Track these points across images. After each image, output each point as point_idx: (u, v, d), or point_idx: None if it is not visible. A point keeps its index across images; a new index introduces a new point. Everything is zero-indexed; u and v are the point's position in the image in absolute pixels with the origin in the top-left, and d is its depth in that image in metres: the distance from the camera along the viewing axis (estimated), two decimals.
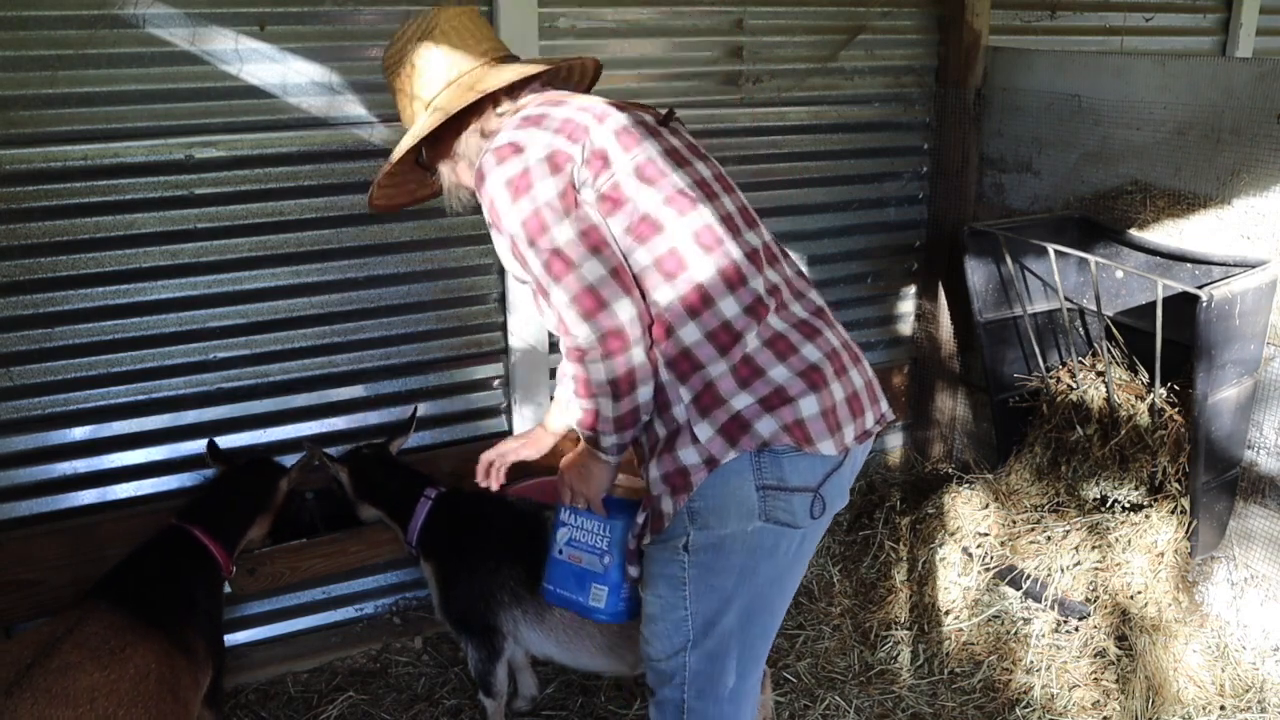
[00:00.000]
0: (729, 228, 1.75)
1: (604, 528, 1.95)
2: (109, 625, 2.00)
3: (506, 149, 1.68)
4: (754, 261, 1.76)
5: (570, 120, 1.71)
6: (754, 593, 1.81)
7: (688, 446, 1.69)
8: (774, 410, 1.67)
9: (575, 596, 2.00)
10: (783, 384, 1.69)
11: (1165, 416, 2.77)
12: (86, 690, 1.82)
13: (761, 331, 1.71)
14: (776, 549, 1.79)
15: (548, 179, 1.66)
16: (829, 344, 1.77)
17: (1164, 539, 2.76)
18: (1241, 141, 2.63)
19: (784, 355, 1.71)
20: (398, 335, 2.91)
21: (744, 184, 3.23)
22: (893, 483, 3.68)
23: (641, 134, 1.74)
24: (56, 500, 2.64)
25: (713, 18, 3.08)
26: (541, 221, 1.65)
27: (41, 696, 1.78)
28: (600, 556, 1.95)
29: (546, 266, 1.65)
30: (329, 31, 2.60)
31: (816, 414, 1.69)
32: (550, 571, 2.05)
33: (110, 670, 1.88)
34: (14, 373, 2.51)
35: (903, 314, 3.74)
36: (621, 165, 1.70)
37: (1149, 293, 2.69)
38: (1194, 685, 2.64)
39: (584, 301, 1.62)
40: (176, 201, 2.56)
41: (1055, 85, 3.14)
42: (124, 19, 2.40)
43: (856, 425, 1.77)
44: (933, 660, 2.86)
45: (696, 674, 1.86)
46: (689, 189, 1.73)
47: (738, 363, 1.69)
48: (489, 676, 2.49)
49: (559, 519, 2.03)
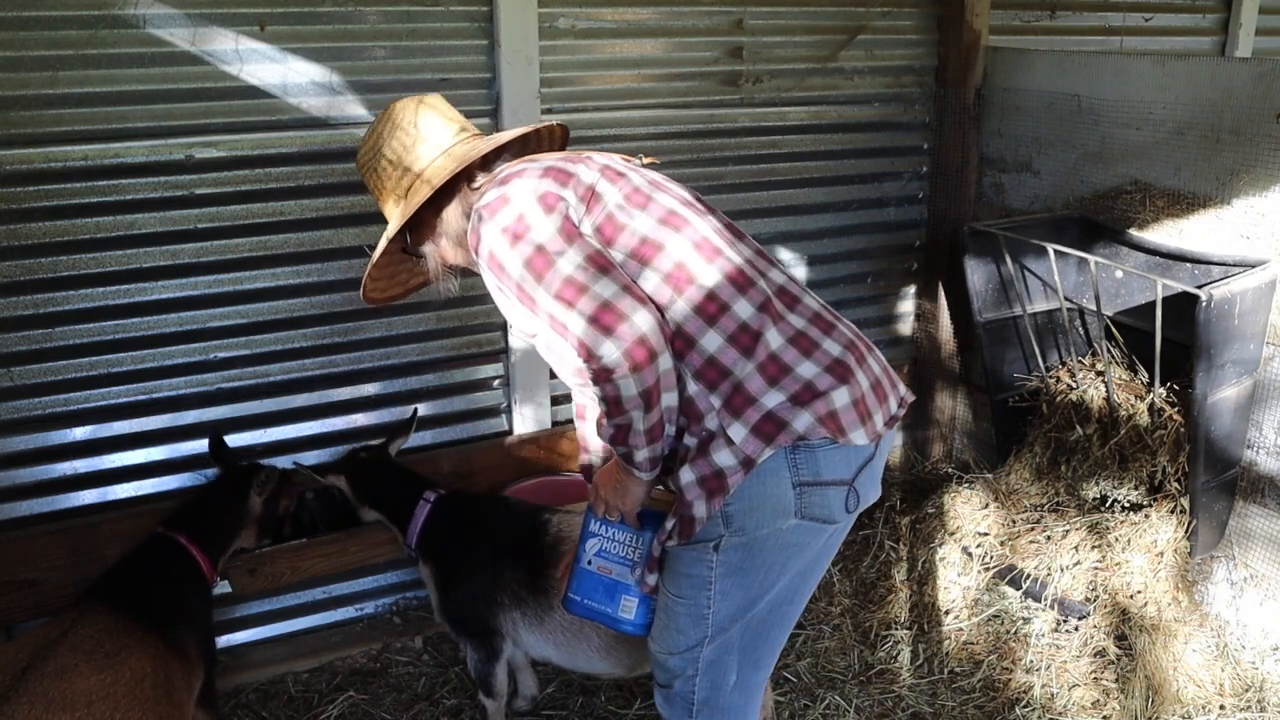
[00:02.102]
0: (724, 239, 1.79)
1: (636, 539, 1.92)
2: (104, 628, 1.99)
3: (496, 203, 1.71)
4: (755, 265, 1.79)
5: (553, 167, 1.76)
6: (780, 589, 1.83)
7: (722, 450, 1.69)
8: (807, 404, 1.69)
9: (604, 608, 1.96)
10: (811, 379, 1.70)
11: (1165, 416, 2.77)
12: (84, 694, 1.80)
13: (782, 329, 1.73)
14: (808, 545, 1.80)
15: (543, 218, 1.68)
16: (845, 336, 1.79)
17: (1164, 539, 2.76)
18: (1241, 141, 2.63)
19: (809, 351, 1.73)
20: (398, 335, 2.91)
21: (744, 184, 3.28)
22: (893, 482, 3.68)
23: (623, 168, 1.82)
24: (57, 500, 2.64)
25: (713, 18, 3.08)
26: (546, 258, 1.66)
27: (39, 702, 1.76)
28: (632, 569, 1.92)
29: (559, 296, 1.64)
30: (329, 31, 2.60)
31: (848, 404, 1.71)
32: (577, 582, 1.99)
33: (107, 674, 1.87)
34: (14, 373, 2.51)
35: (903, 314, 3.74)
36: (612, 197, 1.75)
37: (1149, 292, 2.69)
38: (1193, 685, 2.64)
39: (603, 319, 1.61)
40: (177, 202, 2.56)
41: (1055, 85, 3.14)
42: (124, 19, 2.40)
43: (884, 411, 1.80)
44: (933, 660, 2.86)
45: (710, 666, 1.86)
46: (679, 208, 1.78)
47: (764, 361, 1.70)
48: (489, 677, 2.50)
49: (588, 529, 1.97)
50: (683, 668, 1.87)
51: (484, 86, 2.80)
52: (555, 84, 2.90)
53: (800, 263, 3.45)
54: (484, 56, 2.79)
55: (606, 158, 1.84)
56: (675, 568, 1.82)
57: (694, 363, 1.70)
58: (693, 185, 3.12)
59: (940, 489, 3.33)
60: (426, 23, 2.70)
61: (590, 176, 1.76)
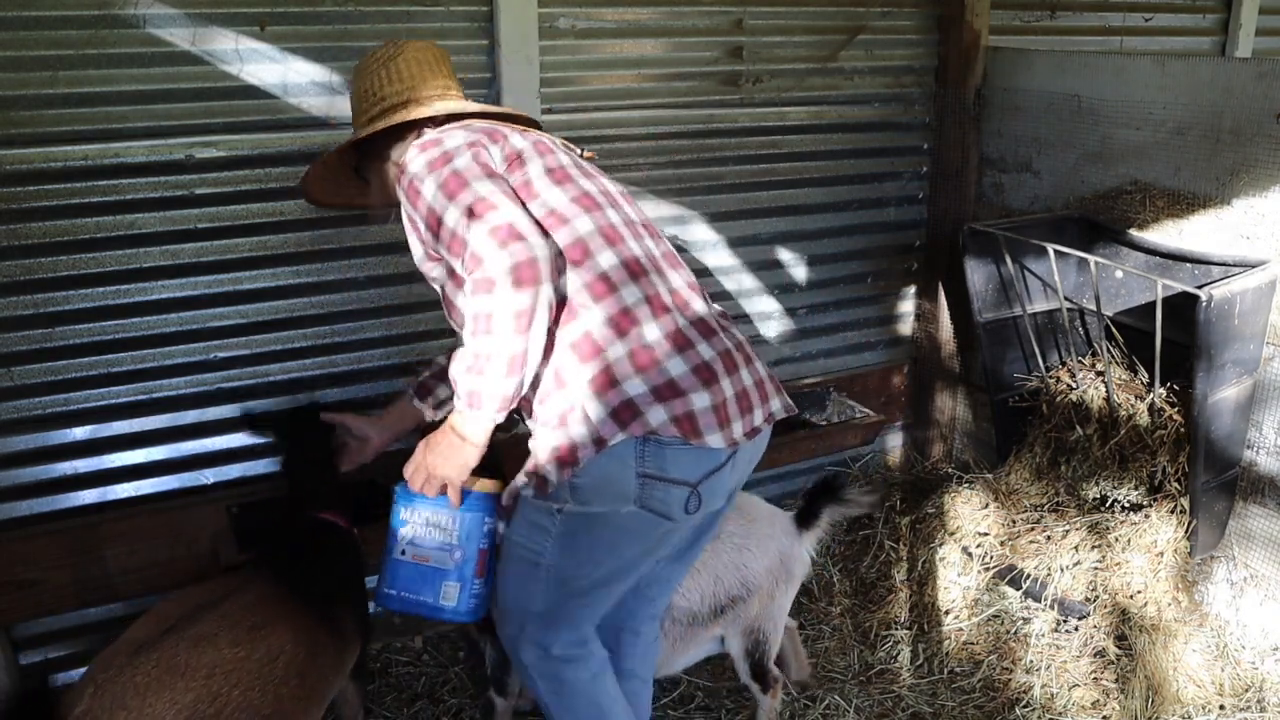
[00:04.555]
0: (632, 231, 1.87)
1: (454, 520, 1.87)
2: (260, 598, 1.96)
3: (428, 143, 1.83)
4: (654, 263, 1.86)
5: (491, 128, 1.90)
6: (605, 570, 1.90)
7: (579, 425, 1.75)
8: (665, 400, 1.75)
9: (422, 598, 1.89)
10: (676, 377, 1.77)
11: (1165, 416, 2.77)
12: (207, 666, 1.77)
13: (663, 324, 1.79)
14: (642, 535, 1.86)
15: (466, 155, 1.79)
16: (723, 344, 1.86)
17: (1164, 539, 2.76)
18: (1241, 141, 2.63)
19: (681, 349, 1.79)
20: (398, 335, 2.91)
21: (744, 184, 3.28)
22: (893, 483, 3.68)
23: (556, 148, 1.94)
24: (57, 500, 2.64)
25: (713, 18, 3.08)
26: (461, 179, 1.74)
27: (162, 664, 1.74)
28: (450, 552, 1.87)
29: (467, 209, 1.69)
30: (329, 31, 2.60)
31: (708, 408, 1.77)
32: (391, 575, 1.92)
33: (241, 648, 1.83)
34: (14, 373, 2.51)
35: (903, 314, 3.74)
36: (535, 167, 1.84)
37: (1149, 293, 2.69)
38: (1193, 685, 2.64)
39: (503, 232, 1.66)
40: (177, 201, 2.56)
41: (1055, 85, 3.14)
42: (124, 19, 2.40)
43: (746, 421, 1.85)
44: (933, 660, 2.86)
45: (539, 617, 1.94)
46: (596, 195, 1.87)
47: (636, 348, 1.76)
48: (506, 677, 2.50)
49: (397, 517, 1.91)
50: (513, 615, 1.98)
51: (484, 86, 2.80)
52: (555, 84, 2.90)
53: (800, 263, 3.45)
54: (484, 56, 2.79)
55: (546, 137, 1.97)
56: (523, 514, 1.88)
57: (572, 333, 1.77)
58: (692, 185, 3.18)
59: (940, 489, 3.33)
60: (426, 23, 2.70)
61: (521, 143, 1.87)
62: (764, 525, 2.52)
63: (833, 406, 3.48)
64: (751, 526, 2.50)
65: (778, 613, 2.53)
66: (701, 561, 2.39)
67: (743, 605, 2.46)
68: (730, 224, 3.28)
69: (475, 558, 1.90)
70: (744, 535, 2.48)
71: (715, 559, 2.43)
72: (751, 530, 2.49)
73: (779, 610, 2.53)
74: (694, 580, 2.40)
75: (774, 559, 2.49)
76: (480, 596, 1.94)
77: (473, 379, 1.72)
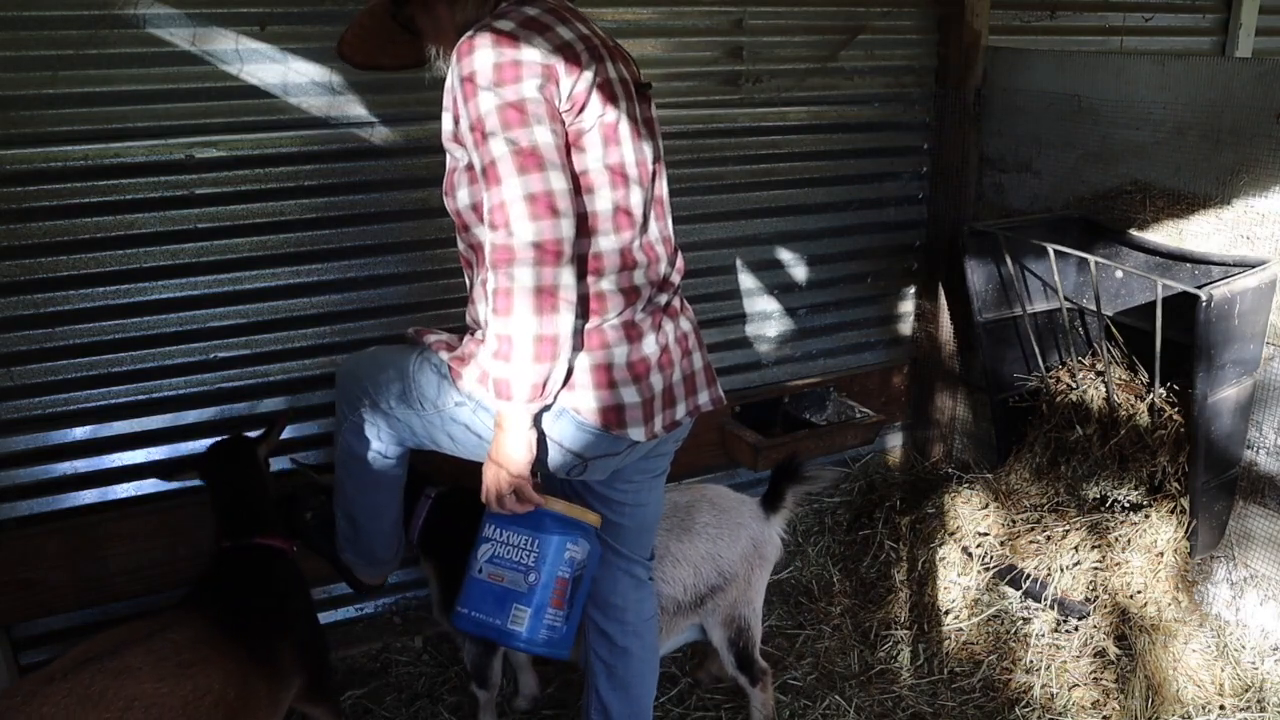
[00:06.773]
0: (638, 215, 1.83)
1: (532, 541, 1.78)
2: (191, 637, 1.92)
3: (506, 37, 1.63)
4: (648, 253, 1.86)
5: (571, 48, 1.69)
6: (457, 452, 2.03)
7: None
8: (598, 388, 1.78)
9: (492, 620, 1.78)
10: (611, 365, 1.79)
11: (1165, 416, 2.77)
12: (126, 699, 1.73)
13: (625, 314, 1.81)
14: None
15: (538, 80, 1.63)
16: (666, 337, 1.88)
17: (1164, 539, 2.76)
18: (1241, 141, 2.63)
19: (631, 339, 1.82)
20: (399, 335, 2.91)
21: (744, 184, 3.28)
22: (893, 482, 3.68)
23: (619, 94, 1.77)
24: (57, 500, 2.64)
25: (713, 18, 3.08)
26: (524, 115, 1.61)
27: (76, 692, 1.71)
28: (525, 574, 1.77)
29: (512, 157, 1.59)
30: (329, 31, 2.60)
31: (636, 404, 1.82)
32: (466, 594, 1.82)
33: (165, 684, 1.80)
34: (14, 373, 2.51)
35: (903, 314, 3.74)
36: (590, 118, 1.72)
37: (1149, 293, 2.69)
38: (1193, 685, 2.64)
39: (540, 203, 1.59)
40: (177, 201, 2.56)
41: (1055, 85, 3.14)
42: (124, 19, 2.40)
43: (667, 415, 1.90)
44: (933, 660, 2.86)
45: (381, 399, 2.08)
46: (630, 170, 1.79)
47: (591, 329, 1.78)
48: (485, 670, 2.53)
49: (481, 534, 1.84)
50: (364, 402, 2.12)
51: None
52: None
53: (800, 263, 3.45)
54: None
55: (615, 71, 1.78)
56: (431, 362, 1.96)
57: None
58: (692, 185, 3.18)
59: (940, 489, 3.33)
60: None
61: (586, 85, 1.70)
62: (734, 514, 2.57)
63: (833, 406, 3.48)
64: (723, 516, 2.55)
65: (755, 596, 2.57)
66: (679, 554, 2.46)
67: (721, 594, 2.50)
68: (730, 224, 3.29)
69: (552, 584, 1.77)
70: (717, 525, 2.53)
71: (691, 550, 2.48)
72: (723, 520, 2.54)
73: (756, 594, 2.57)
74: (674, 571, 2.45)
75: (747, 545, 2.54)
76: (556, 630, 1.80)
77: (500, 366, 1.66)
